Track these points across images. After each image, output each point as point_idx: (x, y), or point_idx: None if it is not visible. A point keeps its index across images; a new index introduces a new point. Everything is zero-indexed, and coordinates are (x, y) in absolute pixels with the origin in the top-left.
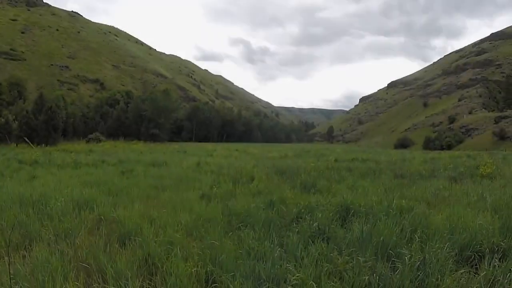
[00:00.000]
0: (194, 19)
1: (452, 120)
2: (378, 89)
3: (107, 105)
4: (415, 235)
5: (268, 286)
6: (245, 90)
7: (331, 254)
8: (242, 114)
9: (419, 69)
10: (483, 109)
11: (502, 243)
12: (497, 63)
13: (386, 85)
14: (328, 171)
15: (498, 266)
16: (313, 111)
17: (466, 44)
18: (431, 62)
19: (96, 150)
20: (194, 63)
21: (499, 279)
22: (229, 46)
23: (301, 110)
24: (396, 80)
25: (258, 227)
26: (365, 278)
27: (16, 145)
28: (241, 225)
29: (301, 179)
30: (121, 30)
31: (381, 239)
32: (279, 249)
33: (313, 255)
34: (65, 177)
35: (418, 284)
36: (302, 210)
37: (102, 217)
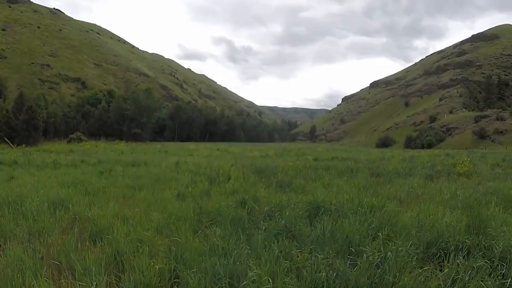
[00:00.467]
0: (177, 17)
1: (433, 119)
2: (361, 88)
3: (88, 105)
4: (380, 233)
5: (226, 282)
6: (228, 90)
7: (292, 251)
8: (225, 113)
9: (401, 69)
10: (464, 109)
11: (467, 241)
12: (478, 63)
13: (369, 85)
14: (305, 170)
15: (461, 263)
16: (296, 110)
17: (448, 45)
18: (413, 63)
19: (76, 150)
20: (177, 62)
21: (460, 277)
22: (212, 45)
23: (284, 109)
24: (378, 80)
25: (226, 225)
26: (322, 275)
27: None
28: (211, 223)
29: (277, 178)
30: (103, 28)
31: (345, 236)
32: (244, 246)
33: (274, 252)
34: (44, 178)
35: (376, 281)
36: (273, 209)
37: (77, 216)
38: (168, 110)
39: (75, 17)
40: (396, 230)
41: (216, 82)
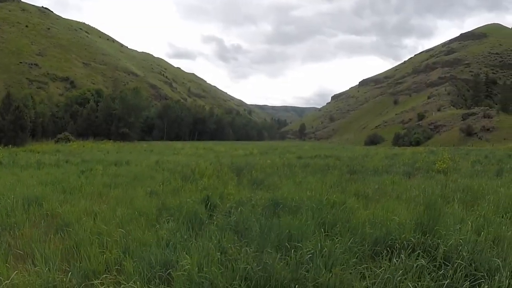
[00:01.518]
0: (166, 16)
1: (421, 117)
2: (350, 87)
3: (77, 104)
4: (323, 229)
5: (158, 269)
6: (218, 88)
7: (228, 245)
8: (214, 112)
9: (391, 67)
10: (452, 107)
11: (412, 239)
12: (466, 62)
13: (358, 83)
14: (282, 168)
15: (399, 262)
16: (286, 109)
17: (436, 44)
18: (402, 61)
19: (63, 150)
20: (167, 60)
21: (388, 276)
22: (202, 43)
23: (274, 108)
24: (367, 78)
25: (181, 220)
26: (246, 267)
27: None
28: (169, 219)
29: (251, 175)
30: (92, 27)
31: (287, 231)
32: (190, 239)
33: (210, 245)
34: (25, 177)
35: (299, 276)
36: (234, 205)
37: (48, 213)
38: (157, 109)
39: (64, 16)
40: (349, 226)
41: (205, 81)
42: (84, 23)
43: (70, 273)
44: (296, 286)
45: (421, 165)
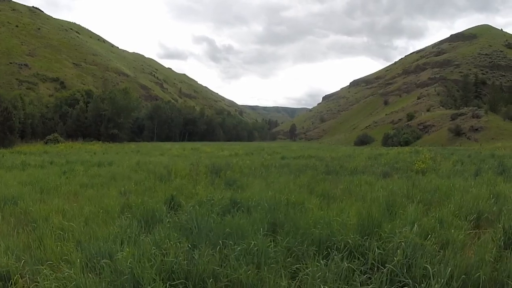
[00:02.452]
0: (157, 16)
1: (410, 117)
2: (341, 87)
3: (66, 105)
4: (262, 227)
5: (98, 259)
6: (209, 89)
7: (166, 240)
8: (205, 112)
9: (381, 68)
10: (441, 107)
11: (349, 241)
12: (456, 63)
13: (349, 84)
14: (260, 168)
15: (324, 264)
16: (277, 109)
17: (427, 45)
18: (393, 62)
19: (51, 151)
20: (158, 61)
21: (319, 277)
22: (193, 44)
23: (265, 108)
24: (358, 79)
25: (138, 217)
26: (173, 260)
27: None
28: (129, 216)
29: (226, 176)
30: (83, 27)
31: (226, 230)
32: (141, 235)
33: (148, 240)
34: (7, 178)
35: (219, 271)
36: (195, 205)
37: (22, 211)
38: (147, 110)
39: (55, 16)
40: (297, 226)
41: (197, 82)
42: (74, 23)
43: (24, 261)
44: (211, 280)
45: (401, 166)
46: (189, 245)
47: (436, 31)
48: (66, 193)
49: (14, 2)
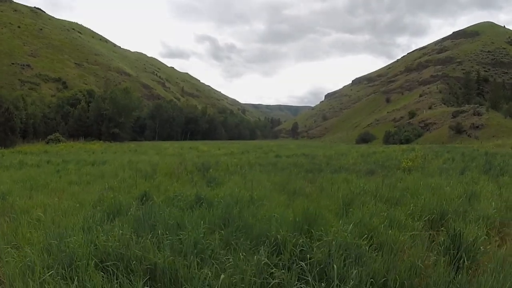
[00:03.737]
0: (159, 15)
1: (412, 115)
2: (343, 85)
3: (68, 105)
4: (223, 222)
5: (55, 242)
6: (212, 88)
7: (115, 229)
8: (207, 111)
9: (384, 66)
10: (443, 104)
11: (278, 236)
12: (458, 60)
13: (351, 82)
14: (245, 166)
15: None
16: (280, 108)
17: (429, 42)
18: (395, 59)
19: (50, 151)
20: (160, 60)
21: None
22: (195, 43)
23: (268, 107)
24: (360, 77)
25: (105, 210)
26: (110, 244)
27: None
28: (99, 210)
29: (209, 174)
30: (85, 27)
31: (169, 222)
32: (101, 225)
33: (99, 228)
34: (2, 176)
35: (144, 257)
36: (165, 200)
37: (9, 205)
38: (149, 109)
39: (57, 16)
40: (246, 222)
41: (199, 80)
42: (76, 23)
43: None
44: (134, 262)
45: (391, 164)
46: (134, 234)
47: (438, 28)
48: (54, 189)
49: (16, 2)
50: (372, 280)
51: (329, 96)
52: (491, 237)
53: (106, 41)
